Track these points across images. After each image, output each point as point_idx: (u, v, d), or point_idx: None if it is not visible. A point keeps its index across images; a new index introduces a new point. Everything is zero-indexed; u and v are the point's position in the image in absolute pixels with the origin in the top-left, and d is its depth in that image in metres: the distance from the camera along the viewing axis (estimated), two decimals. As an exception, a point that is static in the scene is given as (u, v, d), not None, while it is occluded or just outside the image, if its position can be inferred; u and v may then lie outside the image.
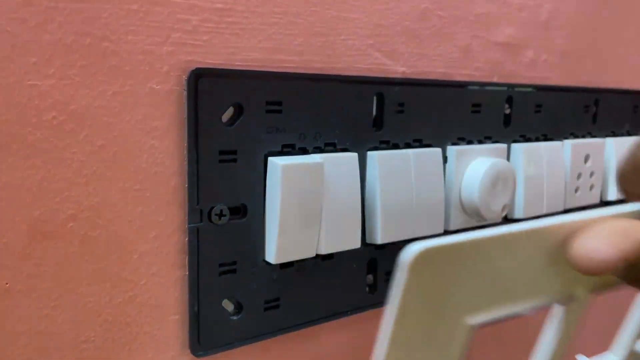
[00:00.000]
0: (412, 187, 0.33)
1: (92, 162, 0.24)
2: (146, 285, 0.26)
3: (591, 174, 0.46)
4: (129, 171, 0.25)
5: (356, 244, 0.31)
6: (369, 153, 0.32)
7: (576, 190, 0.44)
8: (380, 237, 0.32)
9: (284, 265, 0.30)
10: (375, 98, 0.32)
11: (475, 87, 0.37)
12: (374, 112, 0.32)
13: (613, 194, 0.48)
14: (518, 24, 0.39)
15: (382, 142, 0.33)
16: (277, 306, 0.30)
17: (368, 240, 0.33)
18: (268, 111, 0.28)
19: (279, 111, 0.28)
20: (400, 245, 0.35)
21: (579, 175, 0.44)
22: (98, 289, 0.25)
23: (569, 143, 0.43)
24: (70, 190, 0.23)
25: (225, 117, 0.27)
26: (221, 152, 0.26)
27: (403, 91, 0.33)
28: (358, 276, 0.33)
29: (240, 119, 0.27)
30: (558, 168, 0.42)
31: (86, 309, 0.24)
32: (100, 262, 0.24)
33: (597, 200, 0.46)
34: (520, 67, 0.40)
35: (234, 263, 0.28)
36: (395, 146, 0.33)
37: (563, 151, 0.43)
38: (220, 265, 0.27)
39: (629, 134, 0.50)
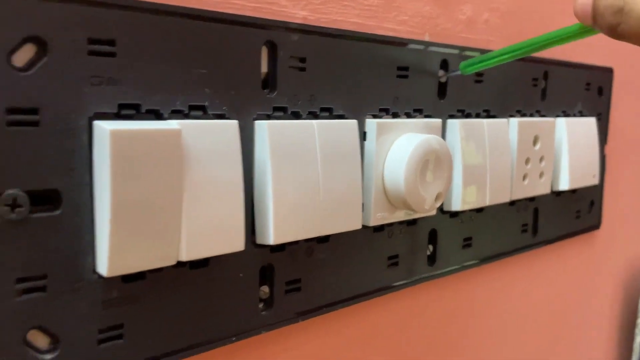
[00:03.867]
0: (318, 170, 0.25)
1: None
2: None
3: (541, 159, 0.39)
4: None
5: (239, 245, 0.23)
6: (257, 122, 0.24)
7: (524, 178, 0.38)
8: (274, 236, 0.24)
9: (129, 278, 0.21)
10: (265, 48, 0.24)
11: (404, 46, 0.29)
12: (264, 68, 0.24)
13: (566, 182, 0.41)
14: (454, -30, 0.32)
15: (276, 108, 0.25)
16: (120, 336, 0.21)
17: (259, 241, 0.24)
18: (92, 52, 0.19)
19: (112, 54, 0.19)
20: (304, 245, 0.27)
21: (527, 160, 0.38)
22: None
23: (515, 121, 0.36)
24: None
25: (21, 58, 0.18)
26: (11, 111, 0.18)
27: (305, 41, 0.25)
28: (247, 288, 0.25)
29: (43, 62, 0.18)
30: (503, 150, 0.35)
31: None
32: None
33: (547, 190, 0.40)
34: (457, 25, 0.33)
35: (43, 277, 0.19)
36: (296, 115, 0.25)
37: (509, 130, 0.36)
38: (20, 280, 0.18)
39: (581, 114, 0.44)
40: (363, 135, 0.28)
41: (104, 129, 0.19)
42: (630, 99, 0.50)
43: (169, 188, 0.20)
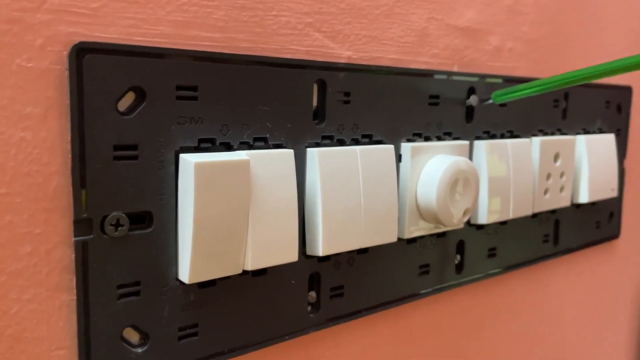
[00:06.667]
0: (360, 190, 0.29)
1: (-64, 159, 0.18)
2: (19, 314, 0.20)
3: (561, 175, 0.42)
4: (-9, 171, 0.19)
5: (293, 257, 0.26)
6: (309, 150, 0.27)
7: (545, 192, 0.41)
8: (322, 248, 0.27)
9: (203, 285, 0.25)
10: (315, 85, 0.28)
11: (434, 77, 0.32)
12: (315, 102, 0.28)
13: (585, 196, 0.44)
14: (480, 6, 0.35)
15: (324, 137, 0.28)
16: (195, 333, 0.25)
17: (309, 252, 0.28)
18: (179, 97, 0.23)
19: (194, 98, 0.23)
20: (346, 256, 0.30)
21: (549, 176, 0.41)
22: (-50, 321, 0.19)
23: (537, 140, 0.39)
24: None
25: (124, 104, 0.22)
26: (117, 147, 0.21)
27: (349, 78, 0.28)
28: (298, 294, 0.28)
29: (142, 107, 0.22)
30: (526, 168, 0.38)
31: None
32: (-47, 287, 0.19)
33: (567, 203, 0.43)
34: (483, 55, 0.36)
35: (137, 284, 0.23)
36: (341, 142, 0.29)
37: (531, 149, 0.39)
38: (119, 287, 0.22)
39: (600, 131, 0.46)
40: (399, 158, 0.32)
41: (189, 161, 0.22)
42: (649, 115, 0.52)
43: (239, 208, 0.24)
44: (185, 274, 0.23)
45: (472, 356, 0.39)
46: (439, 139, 0.34)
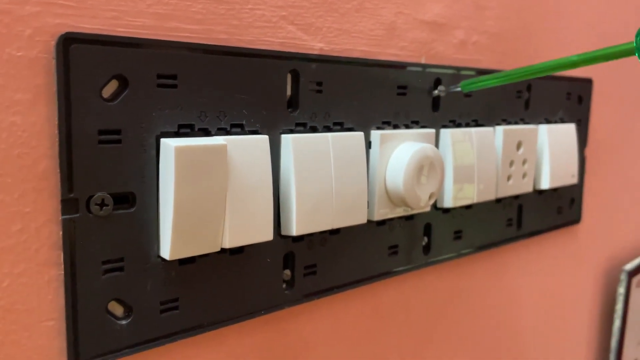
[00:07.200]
0: (331, 174, 0.30)
1: None
2: (10, 287, 0.22)
3: (524, 162, 0.44)
4: (-17, 153, 0.21)
5: (268, 236, 0.28)
6: (283, 136, 0.29)
7: (508, 179, 0.43)
8: (296, 228, 0.29)
9: (184, 261, 0.26)
10: (289, 75, 0.29)
11: (402, 68, 0.34)
12: (289, 91, 0.29)
13: (546, 182, 0.47)
14: (447, 1, 0.37)
15: (298, 124, 0.30)
16: (176, 307, 0.26)
17: (283, 232, 0.30)
18: (160, 85, 0.24)
19: (174, 86, 0.25)
20: (319, 237, 0.32)
21: (512, 163, 0.43)
22: (-55, 293, 0.21)
23: (500, 129, 0.42)
24: None
25: (108, 91, 0.23)
26: (101, 132, 0.23)
27: (321, 69, 0.30)
28: (273, 271, 0.30)
29: (125, 94, 0.23)
30: (489, 155, 0.40)
31: None
32: (-52, 262, 0.20)
33: (530, 189, 0.45)
34: (449, 48, 0.38)
35: (121, 260, 0.24)
36: (314, 129, 0.31)
37: (495, 137, 0.41)
38: (104, 262, 0.24)
39: (562, 121, 0.49)
40: (369, 145, 0.33)
41: (169, 145, 0.24)
42: (609, 106, 0.55)
43: (217, 190, 0.25)
44: (166, 251, 0.25)
45: (438, 332, 0.42)
46: (406, 127, 0.36)
